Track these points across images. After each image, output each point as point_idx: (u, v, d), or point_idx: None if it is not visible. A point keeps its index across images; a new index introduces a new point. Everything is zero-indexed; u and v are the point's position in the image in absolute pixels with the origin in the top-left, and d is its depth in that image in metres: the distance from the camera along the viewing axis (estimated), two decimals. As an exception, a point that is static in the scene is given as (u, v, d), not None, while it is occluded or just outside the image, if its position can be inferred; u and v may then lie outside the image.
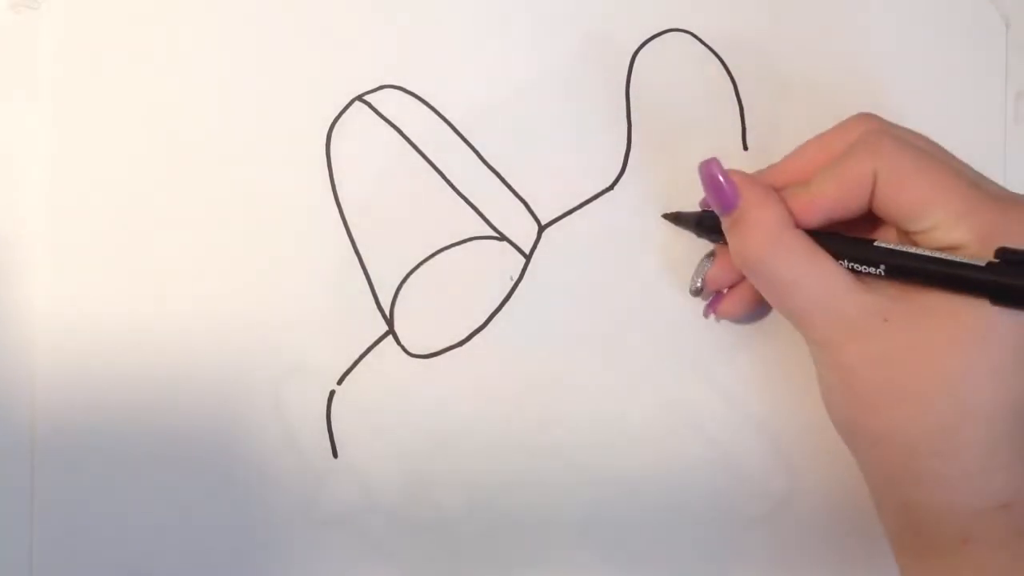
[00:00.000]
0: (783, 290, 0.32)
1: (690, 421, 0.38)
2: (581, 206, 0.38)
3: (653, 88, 0.38)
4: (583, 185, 0.38)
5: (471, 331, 0.38)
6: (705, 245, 0.37)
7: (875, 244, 0.32)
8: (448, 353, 0.38)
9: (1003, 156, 0.38)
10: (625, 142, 0.38)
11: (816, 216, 0.32)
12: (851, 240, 0.33)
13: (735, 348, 0.38)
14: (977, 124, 0.39)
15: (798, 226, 0.32)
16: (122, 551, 0.37)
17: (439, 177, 0.38)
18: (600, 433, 0.38)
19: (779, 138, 0.38)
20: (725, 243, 0.34)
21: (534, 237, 0.38)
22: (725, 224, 0.34)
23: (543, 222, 0.38)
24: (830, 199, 0.32)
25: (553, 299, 0.38)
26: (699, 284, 0.36)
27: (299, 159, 0.38)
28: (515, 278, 0.38)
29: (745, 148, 0.38)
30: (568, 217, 0.38)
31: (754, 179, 0.34)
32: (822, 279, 0.32)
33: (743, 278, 0.36)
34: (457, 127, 0.38)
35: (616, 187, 0.38)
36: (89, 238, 0.38)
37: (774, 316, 0.38)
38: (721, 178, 0.33)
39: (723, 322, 0.38)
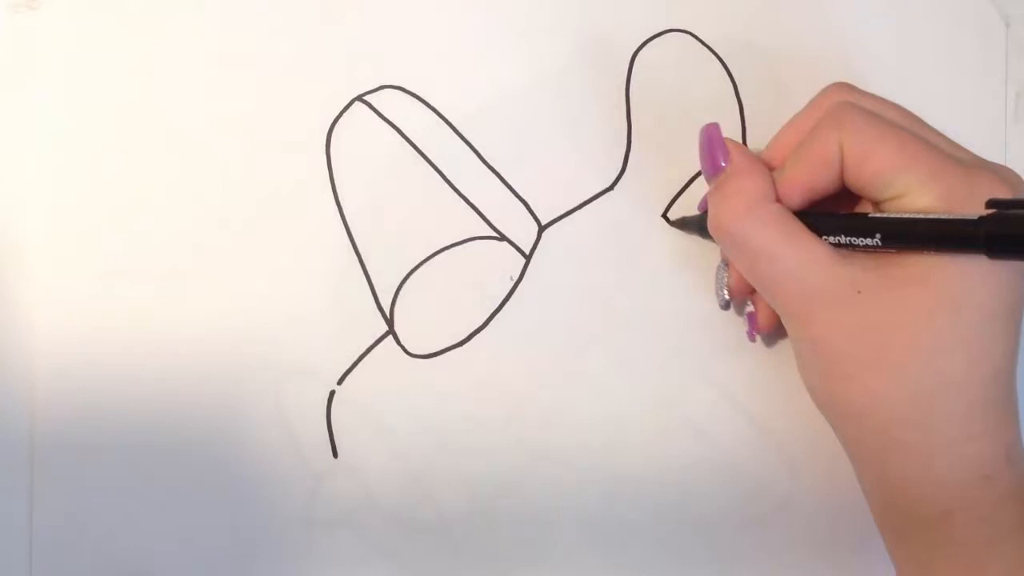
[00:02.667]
0: (755, 260, 0.32)
1: (690, 421, 0.38)
2: (581, 206, 0.38)
3: (653, 88, 0.38)
4: (583, 185, 0.38)
5: (471, 331, 0.38)
6: (712, 249, 0.37)
7: (868, 215, 0.32)
8: (448, 353, 0.38)
9: (1003, 155, 0.38)
10: (625, 142, 0.38)
11: (795, 197, 0.32)
12: (843, 216, 0.33)
13: (735, 348, 0.38)
14: (977, 124, 0.39)
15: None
16: (122, 551, 0.37)
17: (439, 177, 0.38)
18: (600, 433, 0.38)
19: (779, 138, 0.38)
20: None
21: (534, 237, 0.38)
22: (709, 190, 0.34)
23: (543, 222, 0.38)
24: (803, 178, 0.32)
25: (553, 299, 0.38)
26: (726, 296, 0.36)
27: (299, 159, 0.38)
28: (515, 278, 0.38)
29: (745, 148, 0.38)
30: (568, 217, 0.38)
31: (747, 151, 0.34)
32: (795, 250, 0.31)
33: None
34: (457, 127, 0.38)
35: (616, 187, 0.38)
36: (89, 239, 0.38)
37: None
38: (716, 141, 0.33)
39: (722, 322, 0.38)
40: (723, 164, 0.33)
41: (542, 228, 0.38)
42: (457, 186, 0.38)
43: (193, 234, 0.38)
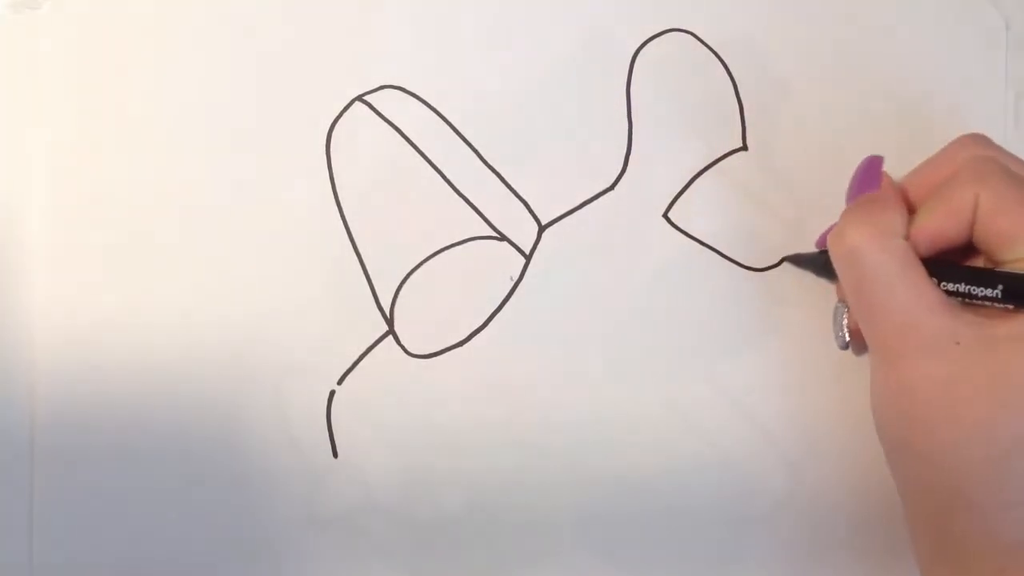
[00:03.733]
0: (868, 289, 0.32)
1: (690, 421, 0.38)
2: (581, 206, 0.38)
3: (653, 88, 0.38)
4: (583, 185, 0.38)
5: (471, 331, 0.38)
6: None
7: (993, 269, 0.32)
8: (448, 353, 0.38)
9: (1003, 156, 0.38)
10: (625, 142, 0.38)
11: (923, 242, 0.32)
12: (967, 266, 0.33)
13: (735, 348, 0.38)
14: (977, 124, 0.38)
15: None
16: (122, 551, 0.37)
17: (439, 177, 0.38)
18: (600, 433, 0.38)
19: (779, 138, 0.38)
20: None
21: (534, 237, 0.38)
22: (847, 210, 0.34)
23: (543, 222, 0.38)
24: (935, 225, 0.32)
25: (553, 299, 0.38)
26: (846, 338, 0.36)
27: (299, 159, 0.38)
28: (515, 278, 0.38)
29: (745, 148, 0.38)
30: (568, 217, 0.38)
31: (896, 187, 0.34)
32: (909, 287, 0.32)
33: None
34: (457, 127, 0.38)
35: (616, 187, 0.38)
36: (88, 238, 0.38)
37: (774, 316, 0.38)
38: (876, 169, 0.34)
39: (722, 322, 0.38)
40: (874, 190, 0.33)
41: (542, 228, 0.38)
42: (457, 186, 0.38)
43: (193, 234, 0.38)
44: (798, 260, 0.38)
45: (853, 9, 0.39)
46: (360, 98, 0.38)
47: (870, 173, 0.34)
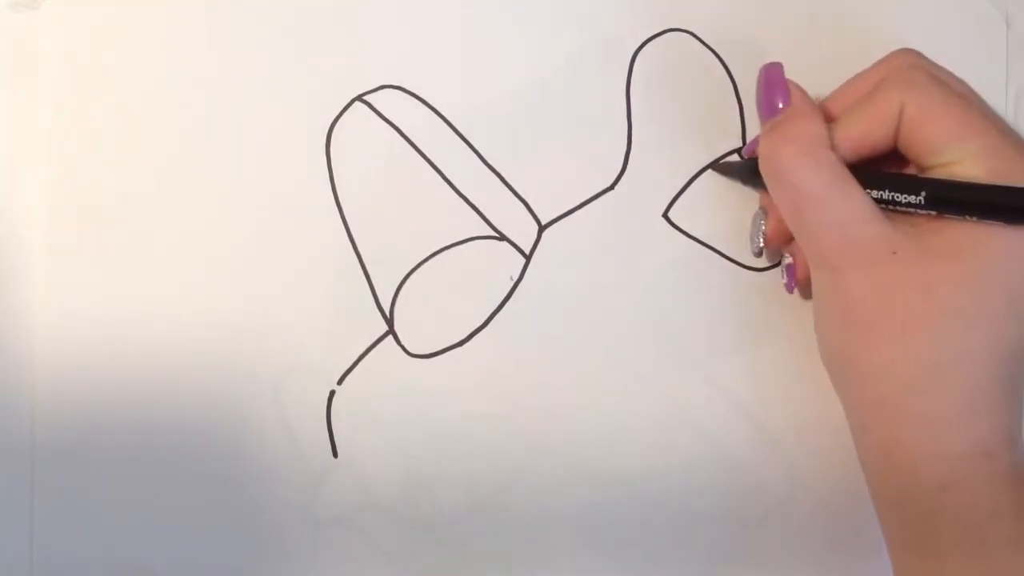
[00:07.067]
0: (803, 203, 0.32)
1: (690, 421, 0.38)
2: (581, 206, 0.38)
3: (653, 88, 0.38)
4: (583, 185, 0.38)
5: (471, 331, 0.38)
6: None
7: (916, 175, 0.32)
8: (448, 353, 0.38)
9: (1003, 156, 0.38)
10: (625, 142, 0.38)
11: (848, 149, 0.32)
12: (891, 173, 0.33)
13: (735, 348, 0.38)
14: (977, 124, 0.38)
15: None
16: (122, 551, 0.37)
17: (439, 177, 0.38)
18: (600, 433, 0.38)
19: (779, 138, 0.38)
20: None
21: (534, 237, 0.38)
22: (764, 129, 0.34)
23: (543, 222, 0.38)
24: (859, 131, 0.32)
25: (553, 299, 0.38)
26: (760, 244, 0.36)
27: (299, 159, 0.38)
28: (515, 278, 0.38)
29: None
30: (568, 217, 0.38)
31: (807, 95, 0.34)
32: (844, 199, 0.32)
33: None
34: (457, 127, 0.38)
35: (616, 187, 0.38)
36: (89, 238, 0.38)
37: (774, 316, 0.38)
38: (777, 81, 0.34)
39: (722, 322, 0.38)
40: (781, 105, 0.34)
41: (542, 228, 0.38)
42: (457, 186, 0.38)
43: (193, 234, 0.38)
44: (725, 169, 0.38)
45: (853, 9, 0.39)
46: (360, 98, 0.38)
47: (774, 82, 0.34)
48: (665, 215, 0.38)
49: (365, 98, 0.38)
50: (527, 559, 0.38)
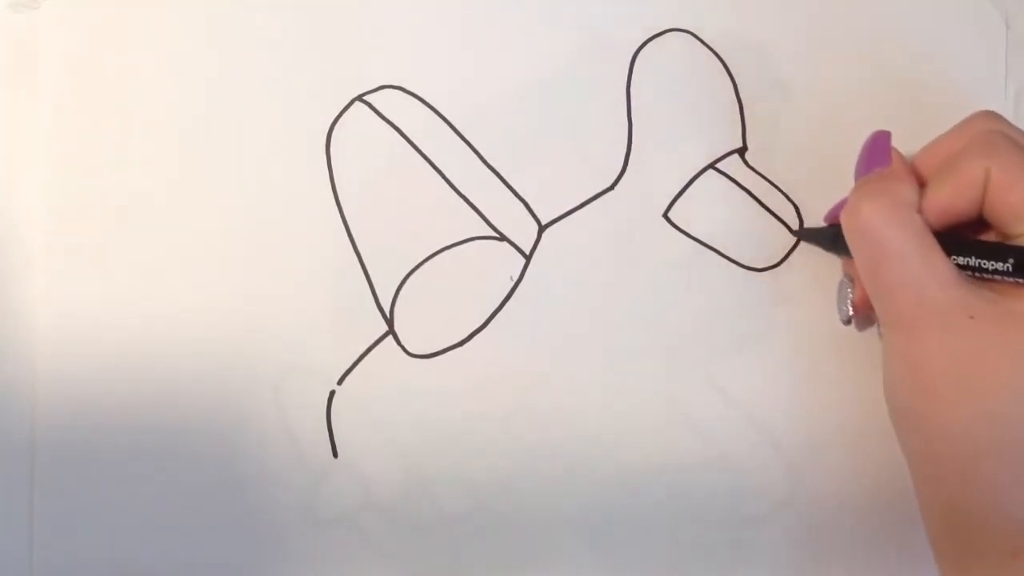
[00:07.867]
0: (883, 261, 0.32)
1: (690, 421, 0.38)
2: (581, 206, 0.38)
3: (653, 88, 0.38)
4: (583, 185, 0.38)
5: (471, 331, 0.38)
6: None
7: (1002, 243, 0.32)
8: (448, 353, 0.38)
9: (1003, 156, 0.38)
10: (625, 142, 0.38)
11: (933, 215, 0.32)
12: (977, 240, 0.33)
13: (735, 348, 0.38)
14: (977, 124, 0.38)
15: None
16: (122, 551, 0.37)
17: (439, 177, 0.38)
18: (600, 433, 0.38)
19: (779, 138, 0.38)
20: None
21: (534, 237, 0.38)
22: (855, 186, 0.34)
23: (543, 222, 0.38)
24: (945, 198, 0.32)
25: (553, 299, 0.38)
26: (849, 312, 0.36)
27: (299, 159, 0.38)
28: (515, 278, 0.38)
29: (745, 148, 0.38)
30: (568, 217, 0.38)
31: (906, 161, 0.34)
32: (924, 260, 0.32)
33: None
34: (457, 127, 0.38)
35: (616, 187, 0.38)
36: (89, 238, 0.38)
37: (774, 316, 0.38)
38: (884, 145, 0.34)
39: (723, 322, 0.38)
40: (883, 165, 0.34)
41: (542, 228, 0.38)
42: (457, 186, 0.38)
43: (193, 234, 0.38)
44: (808, 235, 0.37)
45: (853, 9, 0.39)
46: (360, 98, 0.38)
47: (879, 147, 0.34)
48: (665, 215, 0.38)
49: (365, 98, 0.38)
50: (527, 559, 0.38)
